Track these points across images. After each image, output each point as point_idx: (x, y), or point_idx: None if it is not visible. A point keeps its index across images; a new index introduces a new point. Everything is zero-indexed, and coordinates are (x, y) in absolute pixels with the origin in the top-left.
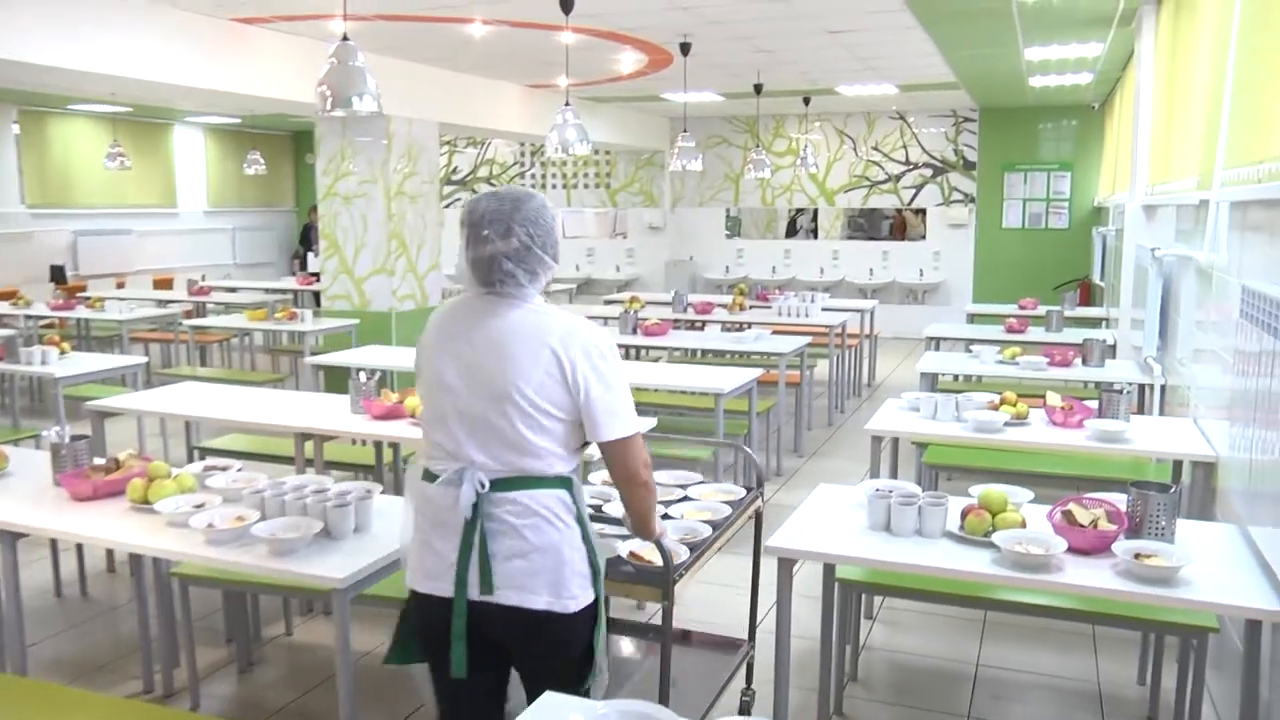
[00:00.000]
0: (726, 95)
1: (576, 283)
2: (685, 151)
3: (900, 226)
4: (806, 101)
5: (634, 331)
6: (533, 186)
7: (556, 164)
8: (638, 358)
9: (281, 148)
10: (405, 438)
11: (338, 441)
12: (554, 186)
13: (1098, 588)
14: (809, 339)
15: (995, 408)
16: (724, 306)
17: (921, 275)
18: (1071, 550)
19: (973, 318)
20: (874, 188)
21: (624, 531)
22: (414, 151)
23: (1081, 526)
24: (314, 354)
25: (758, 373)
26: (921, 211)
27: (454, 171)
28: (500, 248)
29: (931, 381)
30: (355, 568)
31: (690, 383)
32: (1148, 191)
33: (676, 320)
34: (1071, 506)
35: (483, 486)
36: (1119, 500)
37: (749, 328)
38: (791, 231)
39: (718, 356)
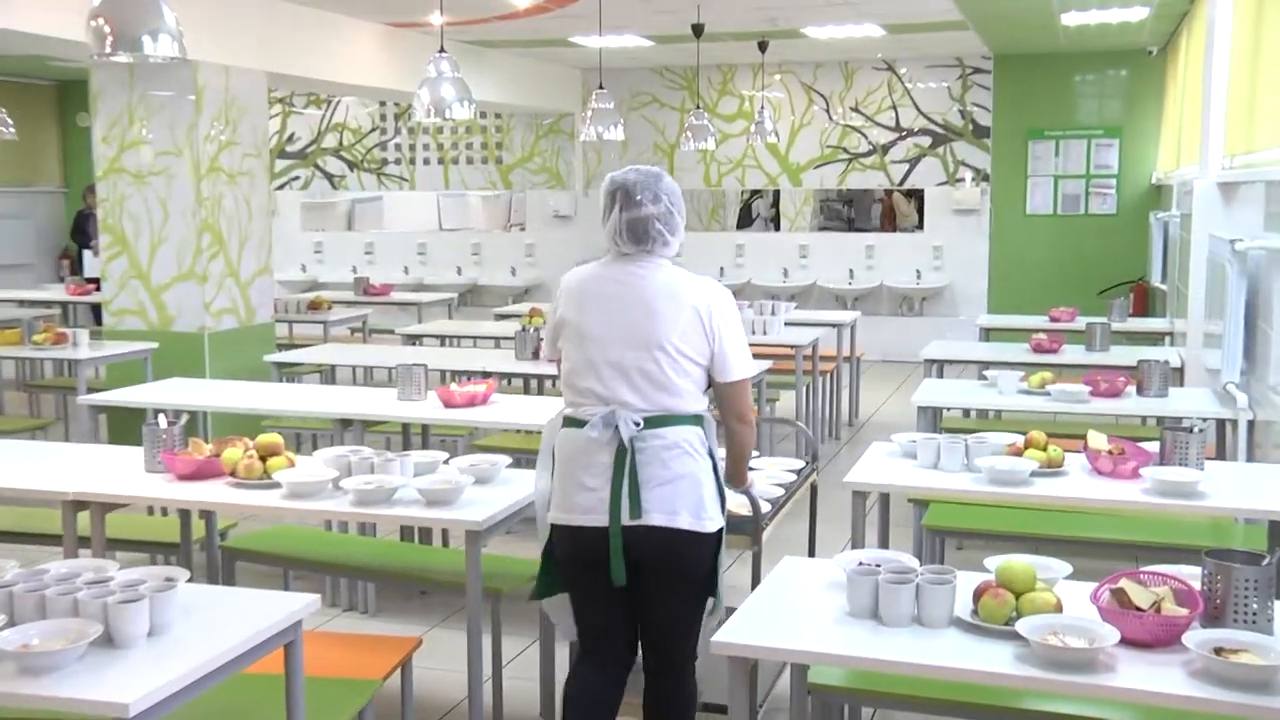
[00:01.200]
0: (656, 39)
1: (457, 291)
2: (602, 115)
3: (889, 214)
4: (763, 47)
5: (535, 355)
6: (396, 160)
7: (429, 131)
8: (539, 391)
9: (41, 105)
10: (224, 503)
11: (127, 511)
12: (425, 162)
13: (1163, 694)
14: (768, 364)
15: (1019, 452)
16: None
17: (918, 278)
18: (1126, 643)
19: (988, 333)
20: (854, 162)
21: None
22: (233, 113)
23: (1139, 610)
24: (92, 390)
25: None
26: (917, 194)
27: (290, 141)
28: (652, 210)
29: (933, 419)
30: (148, 687)
31: None
32: (1225, 164)
33: None
34: (1125, 584)
35: (637, 425)
36: (1190, 575)
37: None
38: (745, 221)
39: None
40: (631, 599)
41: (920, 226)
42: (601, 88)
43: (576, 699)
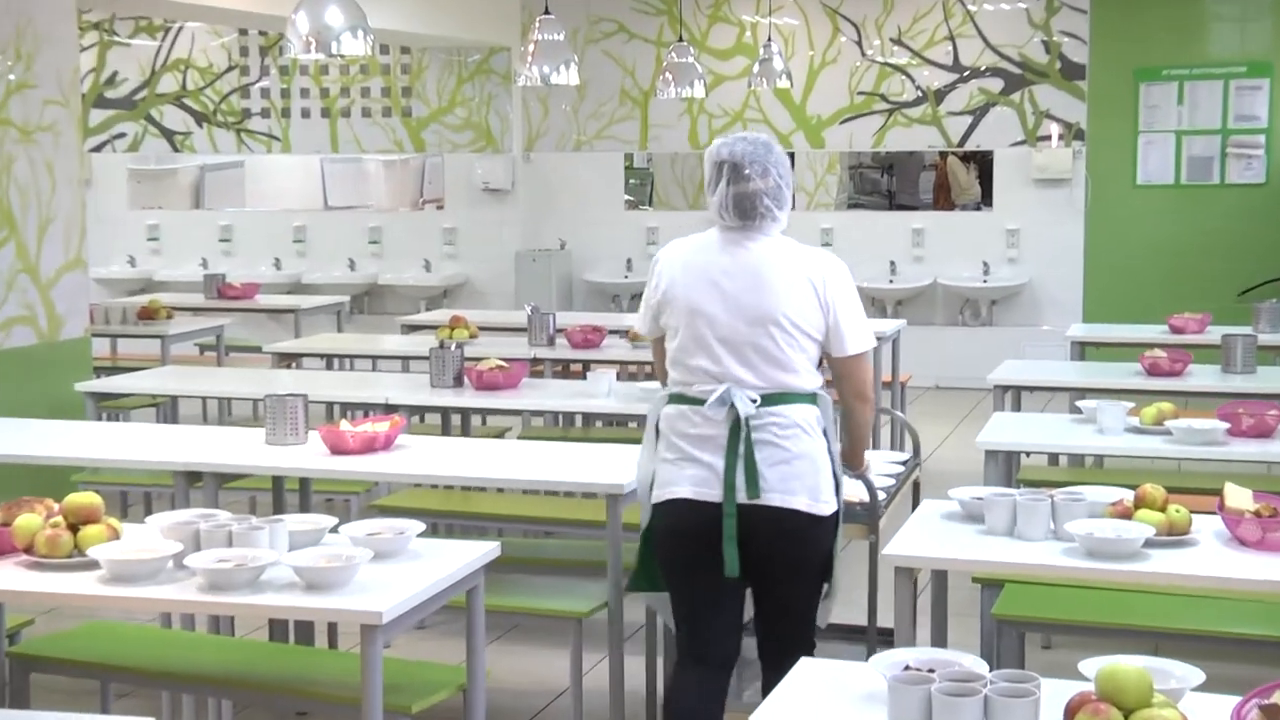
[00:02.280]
0: None
1: (348, 293)
2: (549, 50)
3: (944, 186)
4: None
5: (458, 382)
6: (263, 112)
7: (309, 72)
8: (464, 429)
9: None
10: (16, 590)
11: None
12: (304, 114)
13: None
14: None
15: (1127, 514)
16: (623, 334)
17: (985, 274)
18: None
19: (1083, 350)
20: (896, 115)
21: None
22: (26, 42)
23: None
24: None
25: None
26: (983, 158)
27: (112, 83)
28: (760, 185)
29: (1006, 467)
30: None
31: (562, 475)
32: None
33: (537, 361)
34: None
35: (754, 402)
36: None
37: None
38: None
39: (612, 428)
40: (739, 588)
41: (987, 203)
42: (548, 12)
43: (687, 712)
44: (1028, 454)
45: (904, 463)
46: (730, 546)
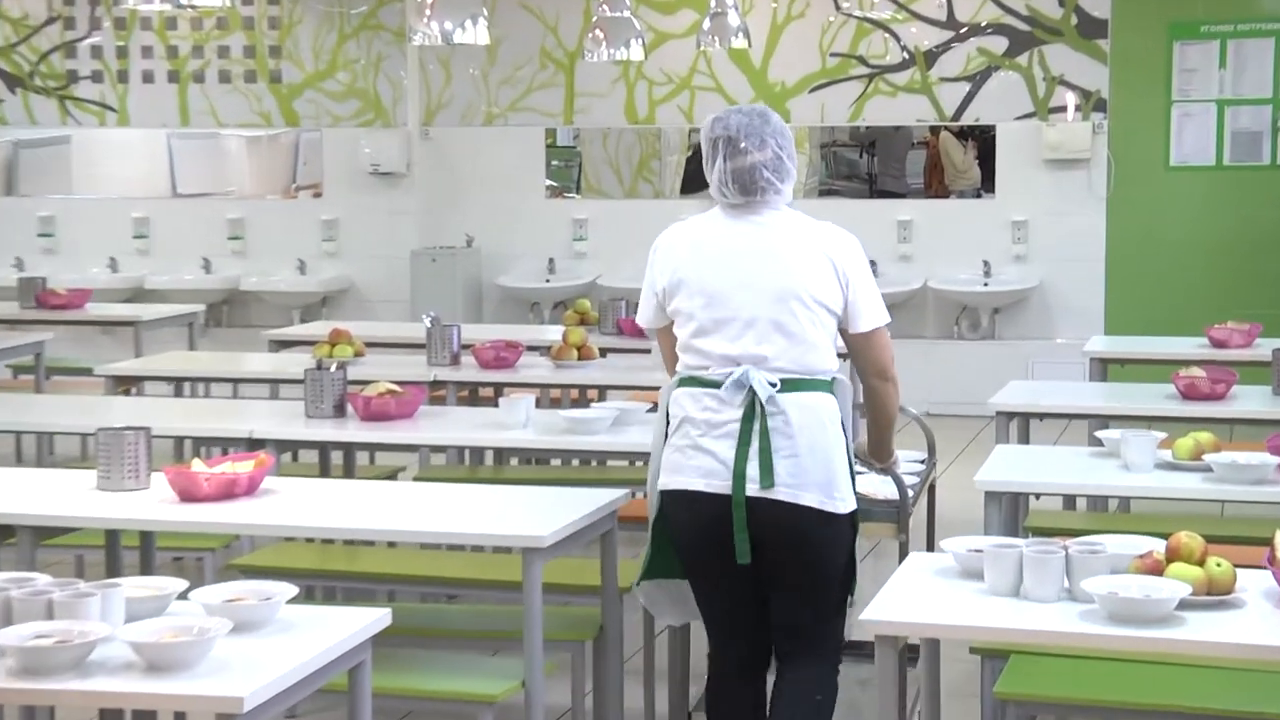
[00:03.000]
0: None
1: (203, 301)
2: (453, 1)
3: (936, 168)
4: None
5: (339, 411)
6: (94, 75)
7: (154, 26)
8: (346, 469)
9: None
10: None
11: None
12: (146, 79)
13: None
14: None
15: (1158, 569)
16: (544, 351)
17: (986, 275)
18: None
19: (1104, 368)
20: (877, 82)
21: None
22: None
23: None
24: None
25: (620, 498)
26: (983, 134)
27: None
28: (758, 158)
29: (1012, 511)
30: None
31: (468, 526)
32: None
33: (437, 385)
34: None
35: (773, 385)
36: None
37: (600, 398)
38: (695, 183)
39: (531, 466)
40: (759, 588)
41: (988, 189)
42: None
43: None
44: (1037, 496)
45: (921, 462)
46: (741, 534)
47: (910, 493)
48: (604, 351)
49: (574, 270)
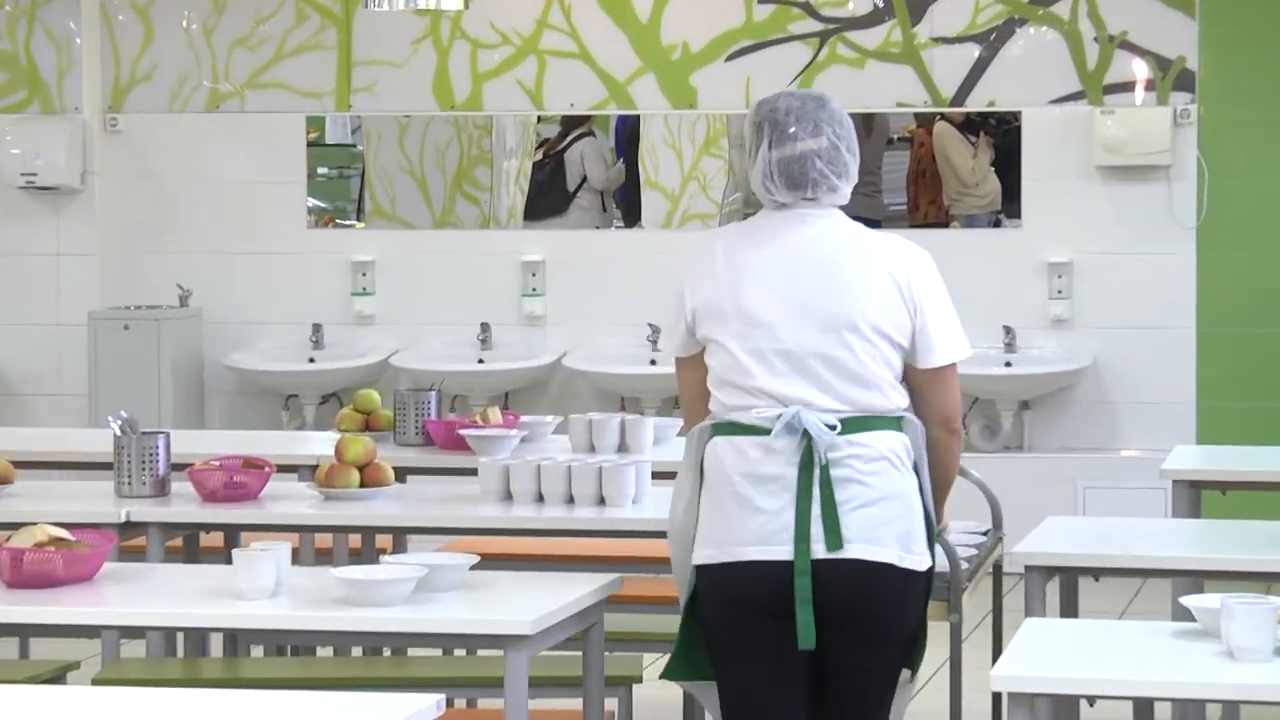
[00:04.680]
0: None
1: None
2: None
3: (926, 179)
4: None
5: None
6: None
7: None
8: None
9: None
10: None
11: None
12: None
13: None
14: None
15: None
16: (306, 474)
17: (1009, 349)
18: None
19: (1198, 496)
20: (833, 44)
21: None
22: None
23: None
24: None
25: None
26: (1002, 126)
27: None
28: (811, 145)
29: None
30: None
31: None
32: None
33: (134, 528)
34: None
35: (832, 429)
36: None
37: (398, 547)
38: (553, 203)
39: (283, 658)
40: (808, 667)
41: (1011, 213)
42: None
43: None
44: (1091, 701)
45: (983, 533)
46: (806, 611)
47: (967, 564)
48: (403, 474)
49: (354, 343)
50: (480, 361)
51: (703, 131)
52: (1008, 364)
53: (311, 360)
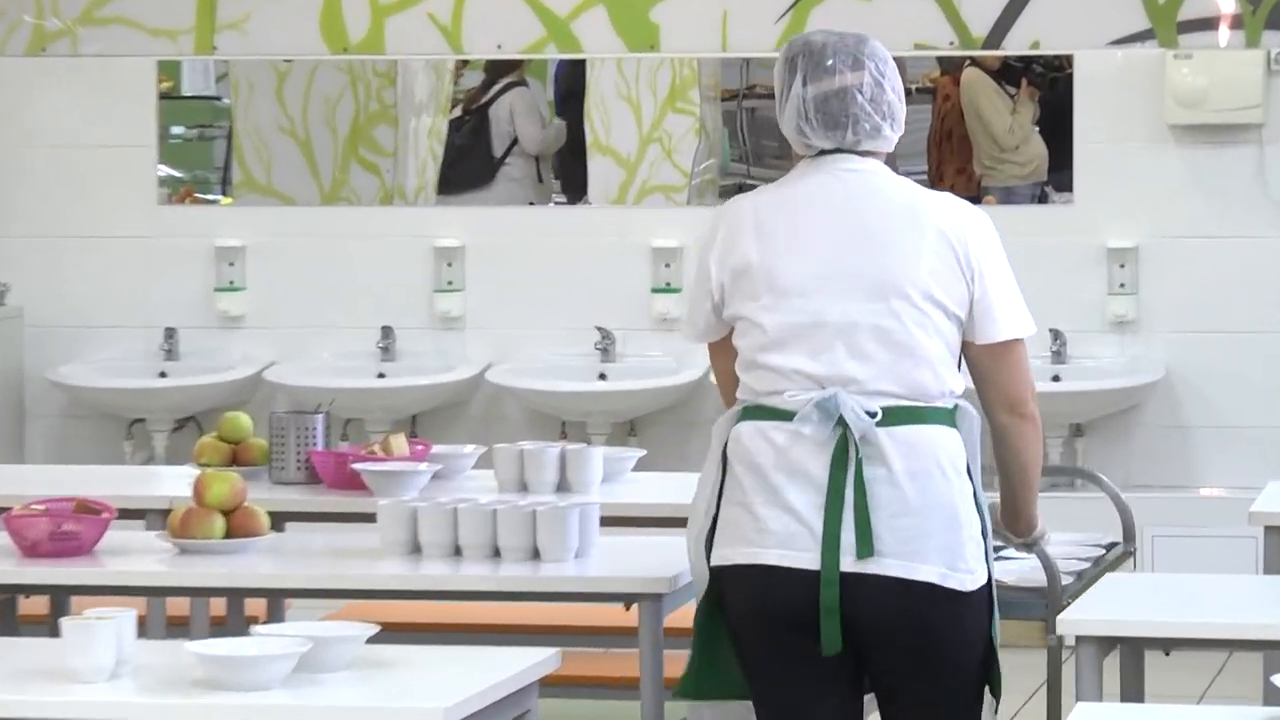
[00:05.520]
0: None
1: None
2: None
3: (953, 142)
4: None
5: None
6: None
7: None
8: None
9: None
10: None
11: None
12: None
13: None
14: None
15: None
16: (156, 520)
17: (1059, 357)
18: None
19: None
20: None
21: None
22: None
23: None
24: None
25: None
26: (1049, 73)
27: None
28: (851, 80)
29: None
30: None
31: None
32: None
33: None
34: None
35: (872, 415)
36: None
37: (273, 615)
38: (476, 173)
39: None
40: (853, 680)
41: (1061, 184)
42: None
43: None
44: None
45: (1105, 547)
46: (831, 620)
47: (1072, 577)
48: (280, 520)
49: (218, 352)
50: (380, 376)
51: (666, 80)
52: (1055, 378)
53: (163, 375)
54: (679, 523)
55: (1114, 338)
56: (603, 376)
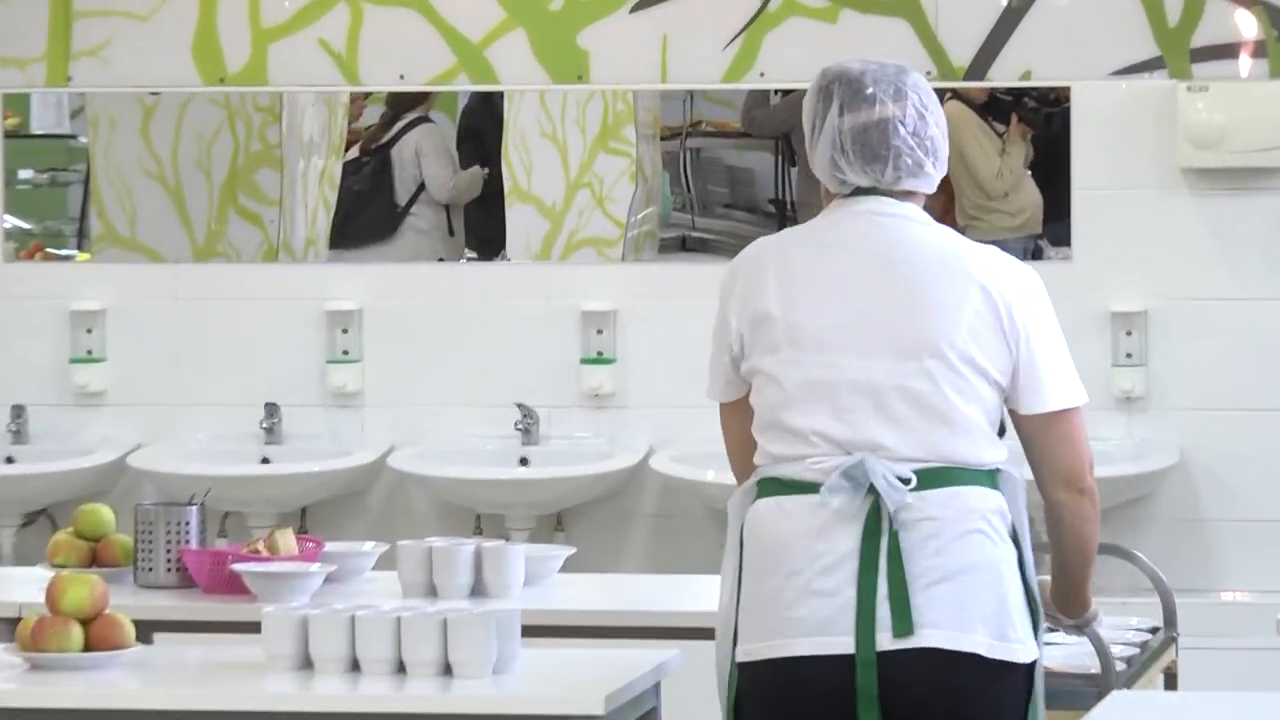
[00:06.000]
0: None
1: None
2: None
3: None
4: None
5: None
6: None
7: None
8: None
9: None
10: None
11: None
12: None
13: None
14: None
15: None
16: (3, 629)
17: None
18: None
19: None
20: None
21: None
22: None
23: None
24: None
25: None
26: (1043, 108)
27: None
28: (894, 110)
29: None
30: None
31: None
32: None
33: None
34: None
35: (905, 483)
36: None
37: None
38: (363, 220)
39: None
40: None
41: (1057, 237)
42: None
43: None
44: None
45: (1150, 631)
46: (870, 711)
47: (1124, 664)
48: (148, 630)
49: (74, 434)
50: (264, 461)
51: (597, 116)
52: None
53: (9, 460)
54: (613, 632)
55: (1120, 417)
56: (524, 462)
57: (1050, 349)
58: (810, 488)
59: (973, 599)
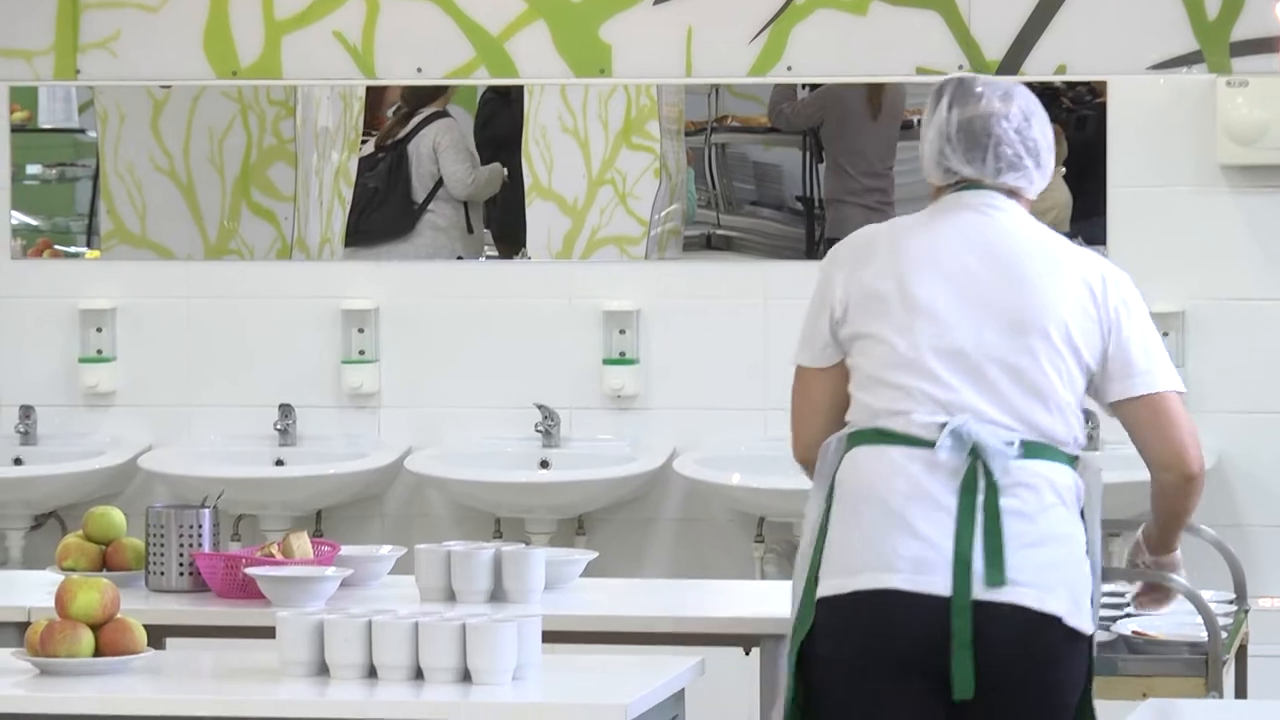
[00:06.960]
0: None
1: None
2: None
3: None
4: None
5: None
6: None
7: None
8: None
9: None
10: None
11: None
12: None
13: None
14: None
15: None
16: (11, 634)
17: (1088, 439)
18: None
19: None
20: None
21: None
22: None
23: None
24: None
25: None
26: (1077, 104)
27: None
28: (999, 108)
29: None
30: None
31: None
32: None
33: None
34: None
35: (1009, 445)
36: None
37: None
38: (383, 218)
39: None
40: None
41: (1093, 235)
42: None
43: None
44: None
45: (1229, 603)
46: (964, 656)
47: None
48: (159, 635)
49: (84, 435)
50: (278, 463)
51: (620, 111)
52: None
53: (18, 461)
54: (635, 639)
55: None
56: (545, 464)
57: (1142, 337)
58: (913, 441)
59: (1057, 566)
